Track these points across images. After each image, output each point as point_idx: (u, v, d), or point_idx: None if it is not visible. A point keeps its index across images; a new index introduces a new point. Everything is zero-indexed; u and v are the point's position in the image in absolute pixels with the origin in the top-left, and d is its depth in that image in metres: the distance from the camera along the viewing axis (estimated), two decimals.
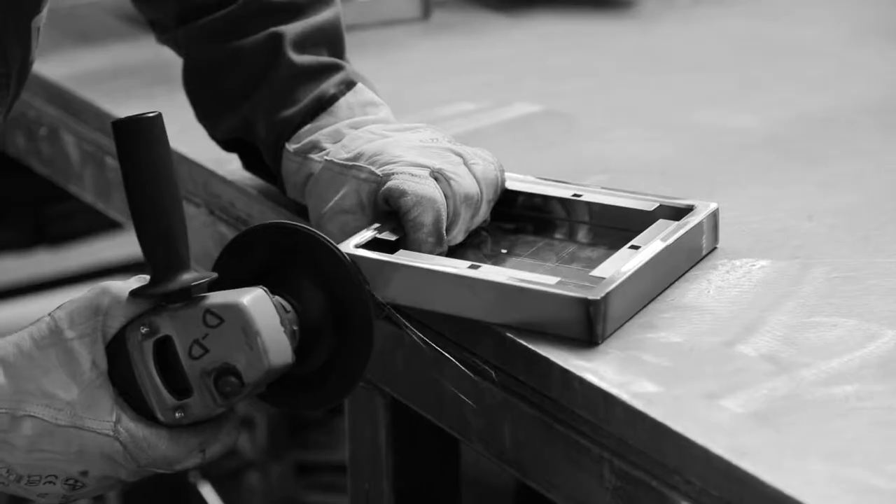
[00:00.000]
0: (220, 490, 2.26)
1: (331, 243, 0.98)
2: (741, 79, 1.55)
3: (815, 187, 1.26)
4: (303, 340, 0.97)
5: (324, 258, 0.98)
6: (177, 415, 0.95)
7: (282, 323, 0.95)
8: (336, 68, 1.18)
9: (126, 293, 0.96)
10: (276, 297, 0.96)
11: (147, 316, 0.95)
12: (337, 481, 2.28)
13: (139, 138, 0.94)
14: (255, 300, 0.94)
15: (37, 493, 0.96)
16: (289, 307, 0.97)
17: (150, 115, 0.94)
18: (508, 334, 1.00)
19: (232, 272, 0.98)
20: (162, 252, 0.95)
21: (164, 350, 0.95)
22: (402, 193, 1.06)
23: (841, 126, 1.40)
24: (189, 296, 0.94)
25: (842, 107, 1.45)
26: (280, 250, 0.98)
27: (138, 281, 0.96)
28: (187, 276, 0.94)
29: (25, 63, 1.12)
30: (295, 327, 0.97)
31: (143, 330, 0.94)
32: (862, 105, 1.45)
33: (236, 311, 0.93)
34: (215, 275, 0.96)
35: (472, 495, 1.97)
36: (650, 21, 1.75)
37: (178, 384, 0.95)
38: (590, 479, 0.96)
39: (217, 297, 0.94)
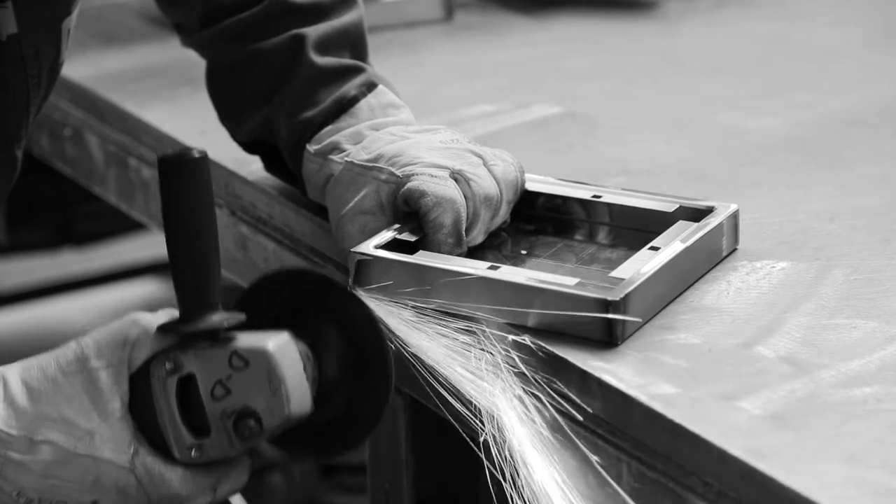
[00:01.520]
0: (243, 490, 2.27)
1: (356, 295, 0.98)
2: (763, 81, 1.55)
3: (837, 189, 1.25)
4: (320, 388, 0.97)
5: (346, 306, 0.97)
6: (193, 453, 0.95)
7: (304, 370, 0.95)
8: (357, 70, 1.19)
9: (154, 327, 0.95)
10: (301, 343, 0.96)
11: (173, 352, 0.94)
12: (359, 482, 2.28)
13: (183, 175, 0.94)
14: (281, 346, 0.94)
15: None
16: (310, 354, 0.96)
17: (197, 154, 0.94)
18: (527, 335, 1.00)
19: (255, 312, 0.97)
20: (194, 290, 0.94)
21: (185, 388, 0.94)
22: (422, 194, 1.06)
23: (863, 128, 1.40)
24: (217, 336, 0.94)
25: (864, 109, 1.45)
26: (302, 295, 0.98)
27: (166, 315, 0.96)
28: (217, 318, 0.94)
29: (55, 64, 1.13)
30: (315, 375, 0.96)
31: (168, 366, 0.94)
32: (884, 107, 1.45)
33: (263, 356, 0.93)
34: (244, 317, 0.95)
35: (493, 496, 1.97)
36: (672, 23, 1.75)
37: (196, 423, 0.95)
38: (608, 480, 0.96)
39: (244, 340, 0.94)
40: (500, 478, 0.95)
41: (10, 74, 1.09)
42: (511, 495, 0.94)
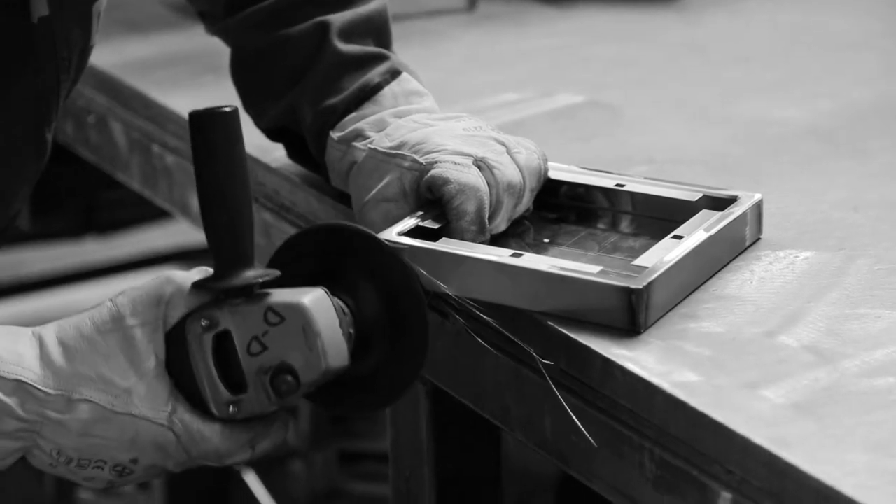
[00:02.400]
0: (265, 478, 2.27)
1: (390, 246, 0.98)
2: (787, 70, 1.55)
3: (861, 179, 1.25)
4: (357, 343, 0.97)
5: (382, 261, 0.97)
6: (230, 409, 0.95)
7: (340, 325, 0.95)
8: (381, 58, 1.19)
9: (189, 284, 0.96)
10: (336, 299, 0.96)
11: (208, 309, 0.95)
12: (380, 470, 2.29)
13: (215, 131, 0.94)
14: (316, 301, 0.94)
15: (83, 477, 0.97)
16: (346, 309, 0.97)
17: (228, 109, 0.94)
18: (550, 323, 1.00)
19: (288, 271, 0.97)
20: (228, 246, 0.94)
21: (221, 344, 0.95)
22: (446, 182, 1.06)
23: (887, 118, 1.39)
24: (251, 292, 0.94)
25: (889, 99, 1.44)
26: (337, 251, 0.98)
27: (200, 273, 0.96)
28: (251, 273, 0.94)
29: (86, 48, 1.14)
30: (351, 330, 0.96)
31: (204, 323, 0.94)
32: None
33: (298, 310, 0.93)
34: (278, 272, 0.95)
35: (515, 485, 1.98)
36: (696, 12, 1.74)
37: (233, 379, 0.95)
38: (630, 469, 0.97)
39: (279, 296, 0.94)
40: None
41: (41, 57, 1.10)
42: None
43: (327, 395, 0.98)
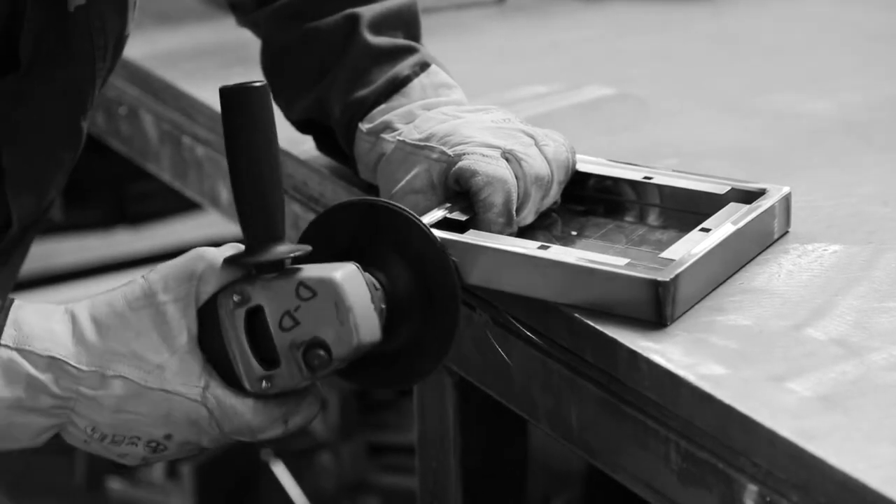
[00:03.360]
0: (293, 469, 2.28)
1: (421, 222, 0.98)
2: (816, 63, 1.54)
3: (890, 172, 1.24)
4: (388, 318, 0.97)
5: (413, 237, 0.98)
6: (263, 385, 0.95)
7: (372, 300, 0.95)
8: (411, 50, 1.19)
9: (220, 260, 0.96)
10: (367, 274, 0.96)
11: (240, 284, 0.95)
12: (408, 462, 2.29)
13: (246, 107, 0.94)
14: (348, 276, 0.94)
15: (117, 454, 0.97)
16: (378, 285, 0.97)
17: (258, 84, 0.94)
18: (576, 315, 1.01)
19: (319, 246, 0.98)
20: (259, 221, 0.94)
21: (253, 320, 0.95)
22: (473, 174, 1.06)
23: None
24: (283, 267, 0.94)
25: None
26: (368, 227, 0.98)
27: (232, 248, 0.97)
28: (282, 248, 0.94)
29: (121, 36, 1.15)
30: (383, 305, 0.97)
31: (236, 298, 0.95)
32: None
33: (330, 285, 0.93)
34: (309, 248, 0.96)
35: (541, 477, 1.98)
36: (725, 4, 1.74)
37: (265, 354, 0.95)
38: (656, 461, 0.97)
39: (311, 271, 0.94)
40: None
41: (77, 45, 1.10)
42: None
43: (358, 370, 0.98)
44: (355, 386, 1.88)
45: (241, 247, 0.96)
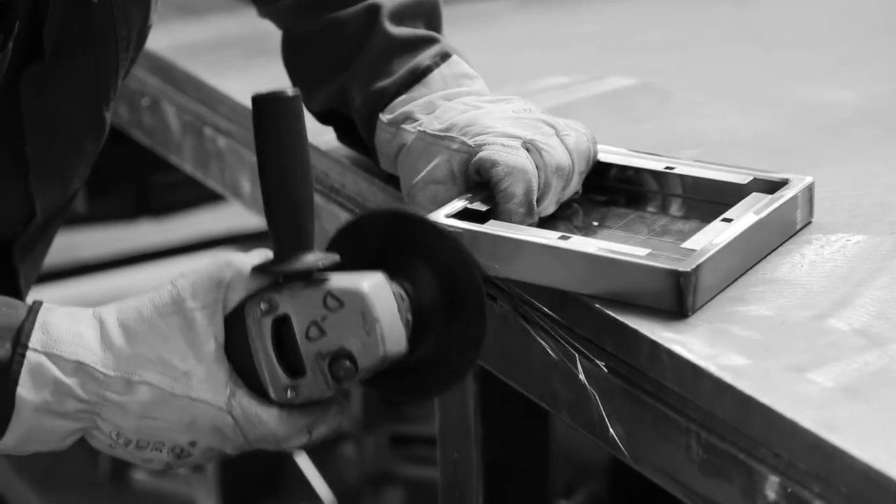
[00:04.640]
0: (316, 460, 2.29)
1: (450, 232, 0.98)
2: (842, 54, 1.53)
3: None
4: (415, 329, 0.96)
5: (441, 247, 0.97)
6: (288, 394, 0.95)
7: (399, 311, 0.94)
8: (432, 41, 1.19)
9: (249, 268, 0.96)
10: (395, 284, 0.95)
11: (267, 292, 0.94)
12: (431, 454, 2.29)
13: (278, 115, 0.94)
14: (375, 286, 0.94)
15: (141, 459, 0.97)
16: (404, 295, 0.96)
17: (291, 93, 0.94)
18: (597, 305, 1.00)
19: (346, 255, 0.97)
20: (289, 230, 0.94)
21: (280, 328, 0.95)
22: (494, 164, 1.06)
23: None
24: (311, 277, 0.94)
25: None
26: (397, 236, 0.97)
27: (260, 256, 0.96)
28: (311, 258, 0.94)
29: (144, 27, 1.15)
30: (409, 316, 0.96)
31: (263, 306, 0.94)
32: None
33: (358, 296, 0.93)
34: (337, 257, 0.95)
35: (563, 468, 1.98)
36: None
37: (291, 363, 0.95)
38: (677, 452, 0.96)
39: (338, 281, 0.94)
40: None
41: (100, 36, 1.11)
42: None
43: (384, 381, 0.98)
44: (379, 395, 1.87)
45: (270, 254, 0.96)
